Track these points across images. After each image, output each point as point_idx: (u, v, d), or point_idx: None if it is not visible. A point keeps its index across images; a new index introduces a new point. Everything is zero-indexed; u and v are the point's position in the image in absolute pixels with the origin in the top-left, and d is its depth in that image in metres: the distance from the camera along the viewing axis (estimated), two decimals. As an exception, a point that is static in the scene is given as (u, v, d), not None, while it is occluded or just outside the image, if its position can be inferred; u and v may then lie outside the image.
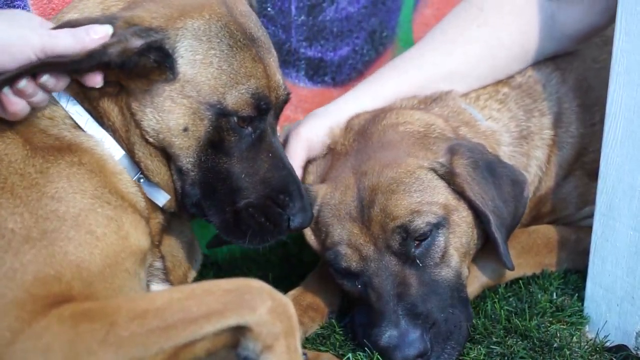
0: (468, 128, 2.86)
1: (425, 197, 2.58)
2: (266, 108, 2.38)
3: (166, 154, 2.36)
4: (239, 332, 2.02)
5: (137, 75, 2.26)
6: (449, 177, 2.61)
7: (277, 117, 2.50)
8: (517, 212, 2.70)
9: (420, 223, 2.54)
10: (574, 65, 3.09)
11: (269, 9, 3.09)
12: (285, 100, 2.51)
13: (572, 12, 2.99)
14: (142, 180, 2.40)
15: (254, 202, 2.38)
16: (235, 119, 2.33)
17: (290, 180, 2.43)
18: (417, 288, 2.54)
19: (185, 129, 2.31)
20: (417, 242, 2.56)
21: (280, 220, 2.41)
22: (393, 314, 2.51)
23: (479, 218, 2.64)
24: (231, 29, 2.35)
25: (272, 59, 2.45)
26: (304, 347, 2.56)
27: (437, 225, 2.57)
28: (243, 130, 2.36)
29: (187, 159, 2.34)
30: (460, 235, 2.63)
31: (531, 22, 2.97)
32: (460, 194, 2.62)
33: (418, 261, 2.56)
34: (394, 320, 2.50)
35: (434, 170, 2.61)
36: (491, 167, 2.66)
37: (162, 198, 2.42)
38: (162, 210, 2.45)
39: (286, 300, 2.08)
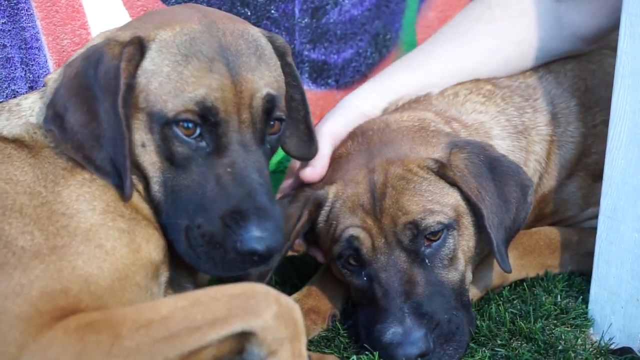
0: (458, 123, 2.86)
1: (436, 197, 2.58)
2: (214, 121, 2.23)
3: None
4: (244, 337, 2.02)
5: None
6: (442, 172, 2.59)
7: (258, 136, 2.30)
8: (518, 215, 2.66)
9: (431, 221, 2.54)
10: (567, 68, 3.10)
11: (272, 11, 3.08)
12: (266, 119, 2.31)
13: (579, 13, 3.00)
14: None
15: (202, 222, 2.21)
16: (176, 127, 2.22)
17: (247, 199, 2.19)
18: (424, 287, 2.54)
19: (143, 145, 2.26)
20: (427, 242, 2.56)
21: (228, 242, 2.18)
22: (399, 311, 2.50)
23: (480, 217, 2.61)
24: (197, 42, 2.27)
25: (257, 77, 2.29)
26: (308, 349, 2.56)
27: (448, 227, 2.57)
28: (192, 142, 2.23)
29: (153, 178, 2.28)
30: (468, 238, 2.63)
31: (537, 21, 2.99)
32: (461, 192, 2.60)
33: (427, 261, 2.56)
34: (399, 317, 2.49)
35: (429, 169, 2.60)
36: (493, 165, 2.65)
37: None
38: None
39: (292, 305, 2.08)
